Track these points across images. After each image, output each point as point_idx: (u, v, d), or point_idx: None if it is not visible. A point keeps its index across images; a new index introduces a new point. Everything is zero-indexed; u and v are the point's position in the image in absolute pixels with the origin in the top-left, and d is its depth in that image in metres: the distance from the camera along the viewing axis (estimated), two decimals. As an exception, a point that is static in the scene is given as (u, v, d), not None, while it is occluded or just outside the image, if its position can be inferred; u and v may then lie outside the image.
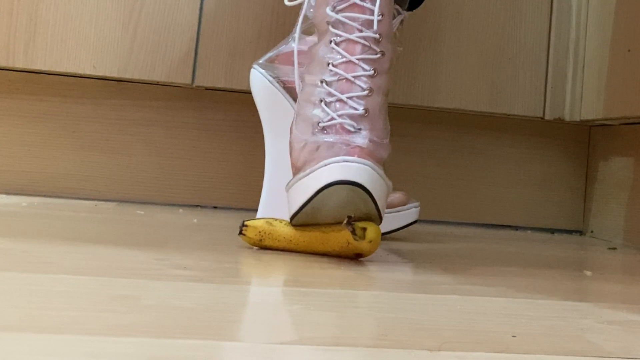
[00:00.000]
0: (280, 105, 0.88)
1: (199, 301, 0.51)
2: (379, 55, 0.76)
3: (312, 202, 0.71)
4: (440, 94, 1.19)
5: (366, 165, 0.70)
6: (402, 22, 0.85)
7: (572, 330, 0.51)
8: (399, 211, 0.94)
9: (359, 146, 0.72)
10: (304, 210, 0.72)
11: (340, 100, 0.74)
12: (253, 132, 1.16)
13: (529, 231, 1.24)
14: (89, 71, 1.11)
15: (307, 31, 0.87)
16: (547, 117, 1.22)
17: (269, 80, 0.89)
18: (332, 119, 0.74)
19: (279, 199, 0.82)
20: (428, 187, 1.23)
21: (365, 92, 0.75)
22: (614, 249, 1.07)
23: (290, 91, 0.88)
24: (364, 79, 0.75)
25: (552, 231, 1.25)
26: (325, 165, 0.70)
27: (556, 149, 1.28)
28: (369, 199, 0.70)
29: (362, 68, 0.75)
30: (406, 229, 0.96)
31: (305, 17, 0.85)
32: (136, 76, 1.12)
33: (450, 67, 1.19)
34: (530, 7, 1.22)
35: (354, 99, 0.74)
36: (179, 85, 1.15)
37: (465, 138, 1.25)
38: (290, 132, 0.78)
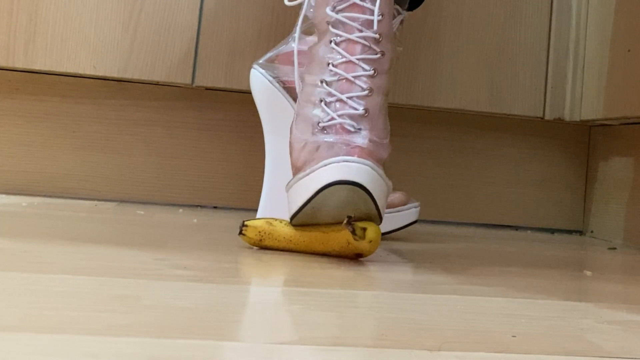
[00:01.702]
0: (280, 105, 0.88)
1: (199, 301, 0.51)
2: (379, 56, 0.76)
3: (312, 202, 0.70)
4: (440, 94, 1.19)
5: (366, 165, 0.70)
6: (402, 22, 0.85)
7: (572, 330, 0.51)
8: (399, 211, 0.94)
9: (359, 146, 0.72)
10: (304, 210, 0.72)
11: (340, 100, 0.74)
12: (253, 132, 1.16)
13: (529, 231, 1.24)
14: (89, 71, 1.11)
15: (307, 31, 0.87)
16: (547, 117, 1.22)
17: (269, 80, 0.89)
18: (332, 119, 0.73)
19: (279, 199, 0.82)
20: (428, 187, 1.23)
21: (366, 92, 0.74)
22: (614, 249, 1.07)
23: (290, 91, 0.88)
24: (364, 79, 0.75)
25: (552, 231, 1.25)
26: (325, 165, 0.70)
27: (556, 149, 1.28)
28: (369, 199, 0.70)
29: (362, 68, 0.75)
30: (406, 229, 0.96)
31: (306, 17, 0.85)
32: (136, 76, 1.12)
33: (450, 67, 1.19)
34: (530, 7, 1.22)
35: (354, 99, 0.74)
36: (179, 85, 1.15)
37: (465, 138, 1.25)
38: (290, 132, 0.78)
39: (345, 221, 0.69)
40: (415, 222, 0.96)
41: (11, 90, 1.14)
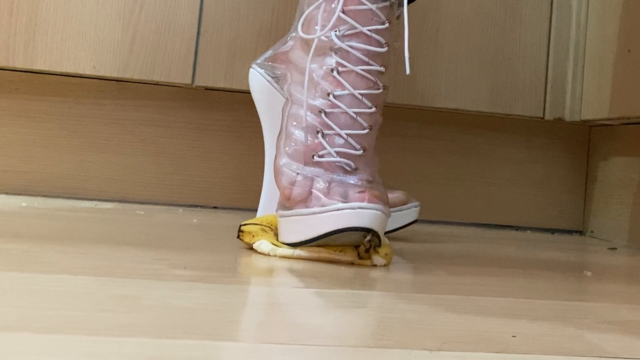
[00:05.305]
0: (279, 104, 0.88)
1: (199, 301, 0.51)
2: (381, 90, 0.74)
3: (318, 241, 0.70)
4: (440, 94, 1.19)
5: (378, 210, 0.69)
6: (398, 17, 0.84)
7: (572, 330, 0.51)
8: (399, 211, 0.94)
9: (366, 189, 0.70)
10: (307, 244, 0.71)
11: (338, 135, 0.72)
12: (253, 132, 1.16)
13: (529, 231, 1.23)
14: (89, 71, 1.11)
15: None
16: (547, 117, 1.22)
17: (267, 80, 0.89)
18: (329, 154, 0.72)
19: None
20: (428, 187, 1.23)
21: (366, 131, 0.73)
22: (614, 249, 1.07)
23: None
24: (365, 116, 0.73)
25: (552, 231, 1.25)
26: (338, 210, 0.69)
27: (556, 149, 1.28)
28: (376, 238, 0.70)
29: (365, 105, 0.73)
30: (406, 228, 0.96)
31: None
32: (136, 76, 1.12)
33: (450, 67, 1.19)
34: (530, 7, 1.22)
35: (354, 137, 0.72)
36: (179, 85, 1.15)
37: (465, 138, 1.25)
38: (278, 153, 0.76)
39: (365, 248, 0.71)
40: (415, 221, 0.96)
41: (11, 90, 1.14)
